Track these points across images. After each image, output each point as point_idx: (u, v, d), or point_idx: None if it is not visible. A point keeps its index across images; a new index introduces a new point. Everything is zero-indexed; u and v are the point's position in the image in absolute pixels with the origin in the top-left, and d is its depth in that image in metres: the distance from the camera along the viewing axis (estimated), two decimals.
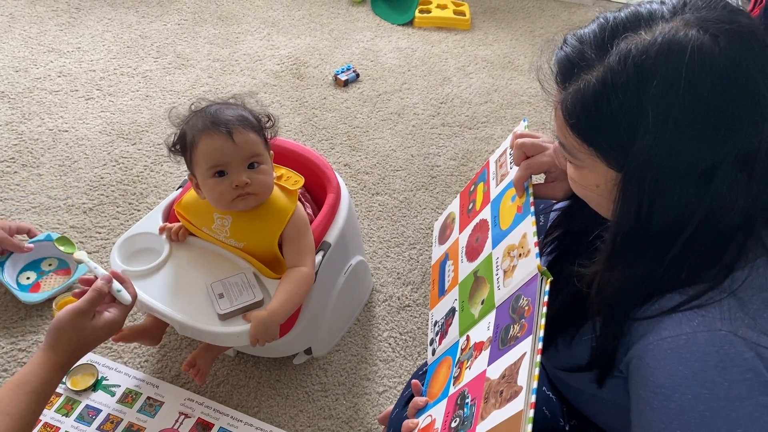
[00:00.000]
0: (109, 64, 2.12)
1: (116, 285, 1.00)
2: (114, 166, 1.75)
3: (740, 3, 2.35)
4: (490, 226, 0.98)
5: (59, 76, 2.04)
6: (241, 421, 1.23)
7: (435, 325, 1.05)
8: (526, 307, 0.77)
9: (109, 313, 0.98)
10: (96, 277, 1.00)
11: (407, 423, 0.90)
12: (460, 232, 1.10)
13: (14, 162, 1.73)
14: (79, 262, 1.08)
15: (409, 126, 2.00)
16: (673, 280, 0.68)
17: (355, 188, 1.77)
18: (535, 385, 0.68)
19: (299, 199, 1.20)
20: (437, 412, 0.85)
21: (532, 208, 0.87)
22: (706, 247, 0.67)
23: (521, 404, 0.68)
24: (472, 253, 1.01)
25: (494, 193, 1.02)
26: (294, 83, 2.13)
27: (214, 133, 1.06)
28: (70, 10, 2.34)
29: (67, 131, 1.84)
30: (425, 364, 1.04)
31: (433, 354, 1.00)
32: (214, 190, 1.08)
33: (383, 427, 1.13)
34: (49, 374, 0.89)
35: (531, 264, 0.80)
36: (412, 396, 1.03)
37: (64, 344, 0.92)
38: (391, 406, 1.09)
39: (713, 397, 0.61)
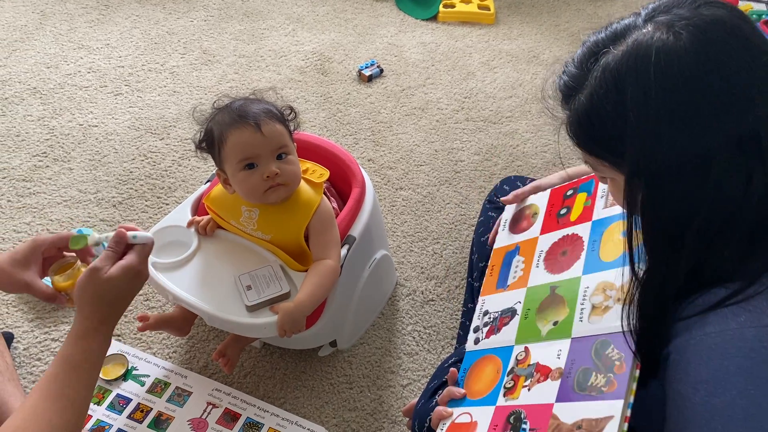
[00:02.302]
0: (137, 60, 2.15)
1: (131, 234, 0.93)
2: (142, 160, 1.78)
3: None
4: (585, 248, 0.95)
5: (89, 72, 2.08)
6: (267, 411, 1.25)
7: (485, 315, 1.02)
8: (617, 362, 0.76)
9: (125, 259, 0.91)
10: None
11: (440, 410, 0.91)
12: (541, 233, 1.06)
13: (46, 156, 1.77)
14: (96, 244, 0.98)
15: (432, 121, 2.00)
16: (714, 275, 0.68)
17: (379, 183, 1.78)
18: None
19: (324, 194, 1.21)
20: (480, 415, 0.84)
21: None
22: (736, 240, 0.67)
23: None
24: (554, 265, 0.97)
25: (599, 214, 0.98)
26: (318, 79, 2.14)
27: (243, 126, 1.08)
28: (100, 7, 2.38)
29: (96, 126, 1.88)
30: (451, 355, 1.04)
31: (476, 343, 0.99)
32: (245, 183, 1.10)
33: (408, 419, 1.14)
34: (86, 342, 0.86)
35: None
36: (438, 388, 1.04)
37: (88, 305, 0.88)
38: (416, 399, 1.10)
39: (759, 394, 0.61)
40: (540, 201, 1.14)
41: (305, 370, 1.34)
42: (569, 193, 1.09)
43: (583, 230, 0.98)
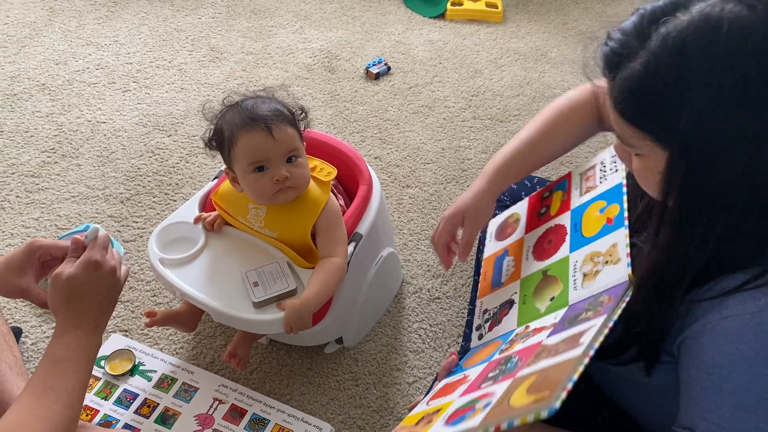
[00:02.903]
0: (145, 57, 2.16)
1: (83, 236, 0.96)
2: (150, 157, 1.79)
3: None
4: (568, 232, 1.00)
5: (97, 69, 2.09)
6: (273, 407, 1.26)
7: (485, 313, 1.05)
8: (605, 300, 0.79)
9: (80, 257, 0.93)
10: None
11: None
12: (526, 233, 1.11)
13: (54, 152, 1.78)
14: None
15: (439, 119, 2.00)
16: (735, 259, 0.67)
17: (386, 181, 1.78)
18: (597, 344, 0.69)
19: (331, 191, 1.21)
20: (474, 371, 0.86)
21: (626, 222, 0.89)
22: (764, 223, 0.66)
23: (579, 352, 0.69)
24: (542, 253, 1.02)
25: (576, 202, 1.04)
26: (326, 76, 2.14)
27: (254, 129, 1.07)
28: (108, 3, 2.39)
29: (104, 123, 1.89)
30: (458, 353, 1.05)
31: (480, 339, 1.01)
32: (255, 185, 1.10)
33: None
34: (64, 339, 0.88)
35: (620, 271, 0.81)
36: None
37: (60, 307, 0.90)
38: (422, 396, 1.10)
39: None
40: (520, 208, 1.19)
41: (311, 366, 1.35)
42: (546, 195, 1.14)
43: (564, 219, 1.03)
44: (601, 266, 0.86)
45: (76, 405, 0.85)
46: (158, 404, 1.25)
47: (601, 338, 0.70)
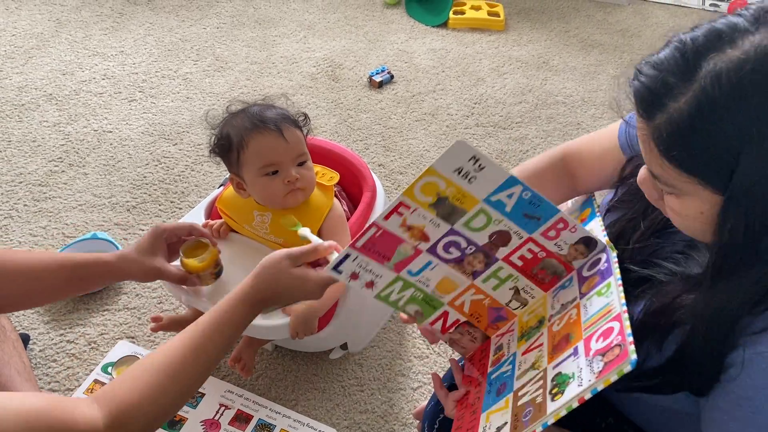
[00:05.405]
0: (151, 66, 2.18)
1: (335, 255, 0.90)
2: (156, 165, 1.81)
3: None
4: None
5: (103, 79, 2.11)
6: (279, 413, 1.26)
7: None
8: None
9: (318, 272, 0.91)
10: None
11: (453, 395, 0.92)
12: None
13: (62, 161, 1.80)
14: (303, 237, 1.00)
15: (442, 126, 2.01)
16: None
17: (390, 188, 1.79)
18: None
19: (335, 196, 1.23)
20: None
21: (598, 213, 0.89)
22: None
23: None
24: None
25: None
26: (329, 85, 2.16)
27: (266, 131, 1.09)
28: (114, 15, 2.42)
29: (111, 132, 1.91)
30: (462, 358, 1.05)
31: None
32: (266, 189, 1.11)
33: (418, 422, 1.15)
34: (244, 308, 0.89)
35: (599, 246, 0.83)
36: (448, 390, 1.04)
37: (260, 279, 0.90)
38: (426, 402, 1.11)
39: None
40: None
41: (317, 372, 1.35)
42: None
43: None
44: None
45: (208, 372, 0.86)
46: None
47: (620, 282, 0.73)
